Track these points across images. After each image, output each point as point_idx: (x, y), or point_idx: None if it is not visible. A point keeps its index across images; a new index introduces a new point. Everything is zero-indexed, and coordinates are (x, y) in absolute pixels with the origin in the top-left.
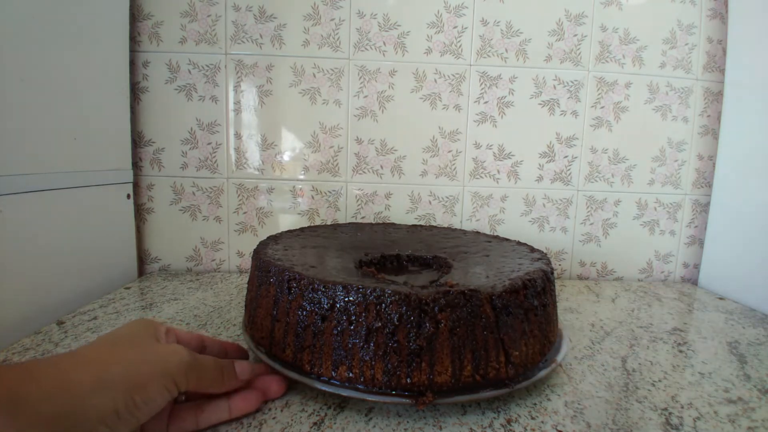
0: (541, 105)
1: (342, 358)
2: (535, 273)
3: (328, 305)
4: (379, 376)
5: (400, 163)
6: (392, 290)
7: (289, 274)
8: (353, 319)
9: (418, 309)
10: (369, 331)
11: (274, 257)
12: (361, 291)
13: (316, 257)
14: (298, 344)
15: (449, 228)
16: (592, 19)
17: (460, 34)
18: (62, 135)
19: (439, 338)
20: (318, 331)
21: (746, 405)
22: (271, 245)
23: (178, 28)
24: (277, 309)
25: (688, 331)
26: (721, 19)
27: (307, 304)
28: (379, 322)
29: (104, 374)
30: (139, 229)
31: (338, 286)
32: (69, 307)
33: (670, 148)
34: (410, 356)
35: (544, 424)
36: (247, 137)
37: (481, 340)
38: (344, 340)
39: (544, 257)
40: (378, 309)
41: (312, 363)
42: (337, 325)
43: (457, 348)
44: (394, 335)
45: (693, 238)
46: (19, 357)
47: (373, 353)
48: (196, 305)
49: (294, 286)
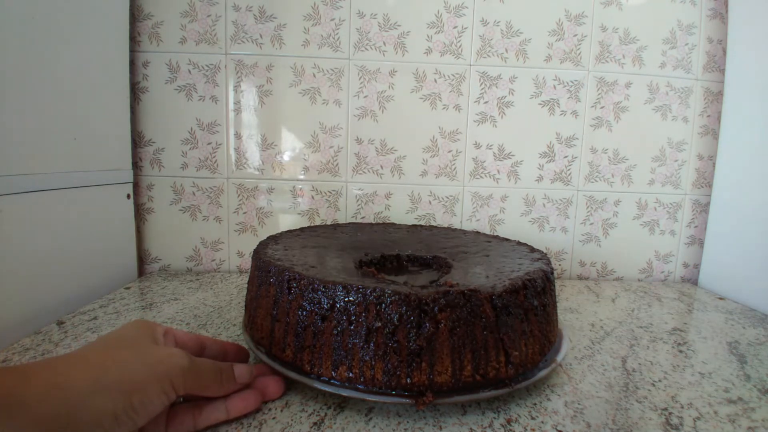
0: (541, 105)
1: (342, 358)
2: (535, 273)
3: (328, 305)
4: (379, 376)
5: (400, 163)
6: (392, 290)
7: (289, 274)
8: (353, 319)
9: (418, 309)
10: (369, 331)
11: (274, 257)
12: (361, 291)
13: (316, 257)
14: (298, 344)
15: (449, 228)
16: (592, 19)
17: (460, 34)
18: (62, 135)
19: (439, 338)
20: (318, 331)
21: (746, 405)
22: (271, 245)
23: (178, 28)
24: (277, 309)
25: (688, 331)
26: (721, 19)
27: (307, 304)
28: (379, 322)
29: (102, 376)
30: (139, 229)
31: (338, 286)
32: (69, 307)
33: (670, 148)
34: (410, 356)
35: (544, 424)
36: (247, 137)
37: (481, 340)
38: (344, 340)
39: (544, 257)
40: (378, 309)
41: (312, 363)
42: (337, 325)
43: (457, 348)
44: (394, 335)
45: (693, 238)
46: (19, 357)
47: (373, 353)
48: (196, 305)
49: (294, 286)
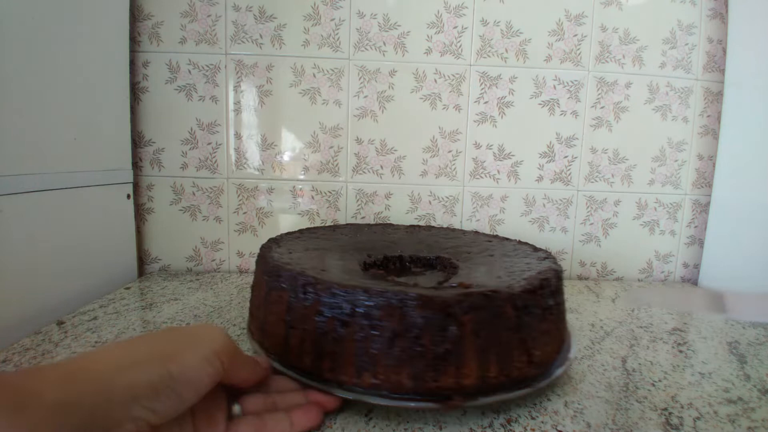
0: (541, 105)
1: (366, 364)
2: (548, 272)
3: (349, 310)
4: (405, 382)
5: (400, 163)
6: (417, 294)
7: (303, 278)
8: (376, 323)
9: (443, 312)
10: (393, 336)
11: (282, 260)
12: (385, 295)
13: (322, 260)
14: (317, 351)
15: (448, 228)
16: (592, 19)
17: (460, 34)
18: (62, 135)
19: (465, 340)
20: (339, 337)
21: (746, 405)
22: (275, 248)
23: (178, 28)
24: (292, 315)
25: (688, 331)
26: (721, 19)
27: (326, 309)
28: (404, 327)
29: (129, 353)
30: (139, 229)
31: (358, 291)
32: (69, 307)
33: (670, 148)
34: (436, 360)
35: (544, 424)
36: (247, 137)
37: (505, 340)
38: (367, 345)
39: (550, 256)
40: (402, 313)
41: (333, 370)
42: (360, 331)
43: (482, 350)
44: (420, 339)
45: (693, 238)
46: (19, 357)
47: (398, 358)
48: (196, 305)
49: (310, 290)
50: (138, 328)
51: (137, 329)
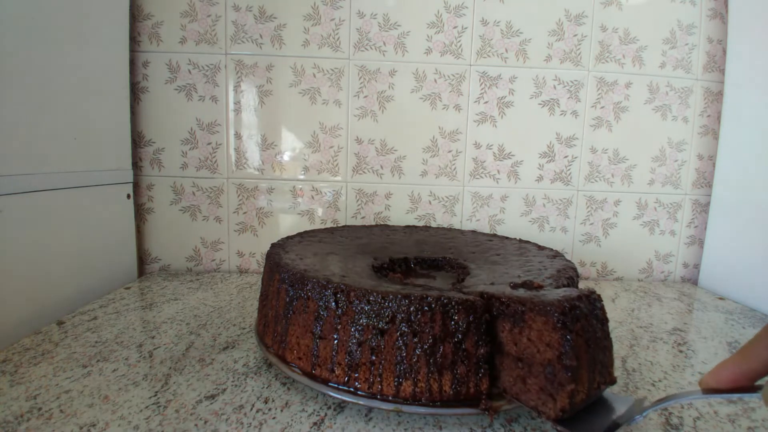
0: (541, 105)
1: (405, 371)
2: (569, 270)
3: (388, 317)
4: (446, 388)
5: (400, 163)
6: (458, 299)
7: (333, 286)
8: (417, 329)
9: (484, 316)
10: (435, 342)
11: (299, 267)
12: (427, 300)
13: (336, 265)
14: (350, 362)
15: (447, 228)
16: (592, 19)
17: (460, 34)
18: (62, 135)
19: (580, 350)
20: (376, 346)
21: (746, 405)
22: (284, 255)
23: (178, 28)
24: (322, 325)
25: (688, 331)
26: (721, 19)
27: (362, 318)
28: (445, 332)
29: None
30: (139, 229)
31: (399, 296)
32: (69, 307)
33: (670, 148)
34: (478, 365)
35: (544, 423)
36: (247, 137)
37: (602, 346)
38: (408, 353)
39: (559, 254)
40: (444, 318)
41: (370, 381)
42: (399, 338)
43: (593, 360)
44: (462, 344)
45: (693, 238)
46: (19, 357)
47: (441, 364)
48: (196, 305)
49: (342, 299)
50: (138, 328)
51: (137, 329)
